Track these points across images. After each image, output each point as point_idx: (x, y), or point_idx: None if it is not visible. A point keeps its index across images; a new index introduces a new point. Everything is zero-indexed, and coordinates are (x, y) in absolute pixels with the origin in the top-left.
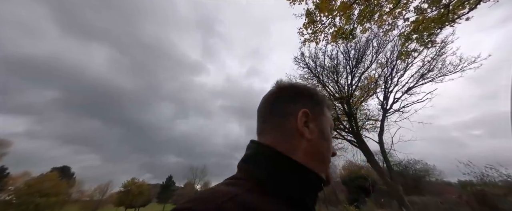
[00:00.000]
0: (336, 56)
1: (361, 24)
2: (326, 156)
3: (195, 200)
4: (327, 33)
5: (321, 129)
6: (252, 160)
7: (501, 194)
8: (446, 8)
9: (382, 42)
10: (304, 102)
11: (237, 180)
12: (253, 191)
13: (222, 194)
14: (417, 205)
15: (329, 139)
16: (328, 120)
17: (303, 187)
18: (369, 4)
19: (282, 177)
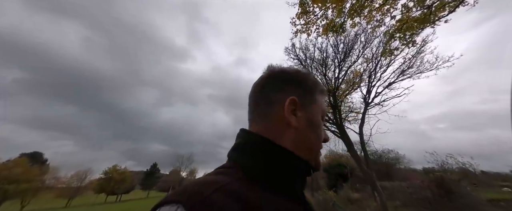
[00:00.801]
0: (326, 49)
1: (352, 18)
2: (315, 144)
3: (183, 191)
4: (319, 25)
5: (310, 117)
6: (240, 149)
7: (456, 179)
8: (429, 9)
9: (369, 38)
10: (293, 90)
11: (226, 169)
12: (242, 179)
13: (210, 184)
14: (387, 190)
15: (319, 126)
16: (319, 107)
17: (291, 174)
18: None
19: (270, 164)
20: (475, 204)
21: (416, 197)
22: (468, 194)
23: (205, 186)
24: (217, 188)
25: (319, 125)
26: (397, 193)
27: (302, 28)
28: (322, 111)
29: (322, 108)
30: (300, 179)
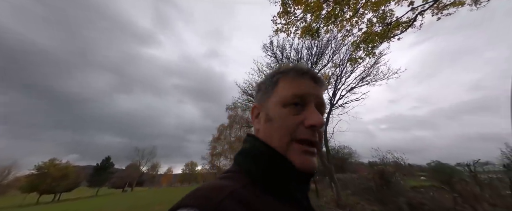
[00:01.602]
0: (301, 51)
1: (326, 25)
2: (277, 137)
3: (196, 196)
4: (298, 27)
5: (266, 112)
6: (245, 153)
7: (392, 171)
8: (388, 26)
9: (338, 46)
10: (258, 97)
11: (233, 174)
12: (248, 185)
13: (220, 190)
14: (341, 181)
15: (277, 116)
16: (277, 95)
17: (283, 177)
18: (335, 7)
19: (265, 168)
20: (403, 191)
21: (363, 186)
22: (399, 183)
23: (216, 191)
24: (227, 194)
25: (276, 114)
26: (349, 184)
27: (282, 27)
28: (284, 96)
29: (285, 93)
30: (297, 183)
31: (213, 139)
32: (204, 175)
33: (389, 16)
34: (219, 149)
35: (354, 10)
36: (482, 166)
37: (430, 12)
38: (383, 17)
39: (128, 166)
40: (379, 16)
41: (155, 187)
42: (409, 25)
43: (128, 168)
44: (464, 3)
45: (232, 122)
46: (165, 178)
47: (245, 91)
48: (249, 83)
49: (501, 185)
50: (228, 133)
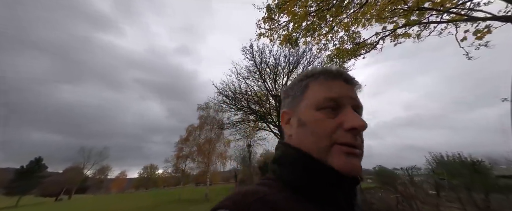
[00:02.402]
0: (279, 58)
1: (305, 37)
2: (313, 142)
3: (231, 199)
4: (280, 34)
5: (299, 117)
6: (279, 161)
7: None
8: (356, 45)
9: (313, 57)
10: (287, 102)
11: (269, 181)
12: (283, 191)
13: (252, 194)
14: None
15: (311, 120)
16: (310, 98)
17: (321, 184)
18: (315, 21)
19: (301, 175)
20: None
21: None
22: None
23: (248, 195)
24: (257, 198)
25: (310, 118)
26: None
27: (266, 32)
28: (317, 99)
29: (318, 96)
30: (338, 189)
31: (180, 140)
32: (166, 179)
33: (357, 37)
34: (187, 150)
35: (330, 27)
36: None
37: (389, 39)
38: (353, 37)
39: (67, 169)
40: (350, 35)
41: (102, 194)
42: (373, 47)
43: (67, 172)
44: (411, 35)
45: (203, 123)
46: (117, 183)
47: (221, 92)
48: (225, 84)
49: (429, 186)
50: (198, 134)
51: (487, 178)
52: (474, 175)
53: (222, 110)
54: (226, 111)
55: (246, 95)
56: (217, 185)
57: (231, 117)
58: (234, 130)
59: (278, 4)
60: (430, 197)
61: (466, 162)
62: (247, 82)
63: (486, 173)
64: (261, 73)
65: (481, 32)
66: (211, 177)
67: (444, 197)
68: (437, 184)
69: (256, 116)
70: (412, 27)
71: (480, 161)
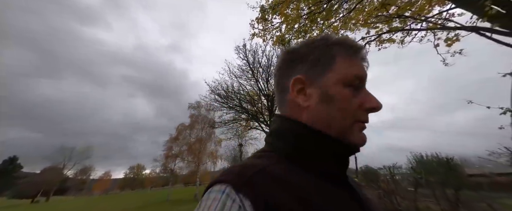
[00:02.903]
0: (272, 58)
1: (297, 38)
2: (336, 118)
3: (230, 173)
4: (273, 35)
5: (324, 90)
6: (275, 133)
7: None
8: None
9: None
10: (299, 68)
11: (264, 153)
12: (280, 162)
13: (251, 167)
14: None
15: (339, 97)
16: (338, 73)
17: (322, 154)
18: (306, 24)
19: (300, 146)
20: None
21: None
22: None
23: (247, 168)
24: (257, 170)
25: (339, 95)
26: None
27: (259, 32)
28: (346, 76)
29: (347, 73)
30: (336, 160)
31: (170, 139)
32: (153, 180)
33: None
34: (176, 150)
35: (320, 30)
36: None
37: (374, 43)
38: None
39: (45, 170)
40: None
41: (84, 196)
42: None
43: (45, 172)
44: (395, 41)
45: (194, 122)
46: (100, 183)
47: (213, 90)
48: (218, 83)
49: (408, 183)
50: (188, 133)
51: (459, 176)
52: (447, 172)
53: (214, 108)
54: (218, 110)
55: (238, 94)
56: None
57: (222, 116)
58: (226, 129)
59: (272, 5)
60: (408, 193)
61: (442, 161)
62: (239, 82)
63: (458, 171)
64: (253, 72)
65: (451, 40)
66: (201, 176)
67: (421, 193)
68: (416, 181)
69: (248, 115)
70: (396, 33)
71: (452, 159)
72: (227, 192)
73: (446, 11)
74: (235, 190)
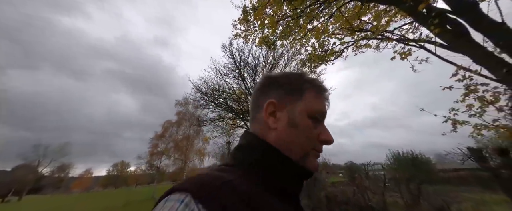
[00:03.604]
0: (258, 57)
1: (281, 40)
2: (299, 144)
3: (192, 181)
4: (256, 36)
5: (291, 117)
6: (242, 149)
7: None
8: (326, 52)
9: (290, 60)
10: (274, 93)
11: (229, 167)
12: (243, 177)
13: (216, 178)
14: None
15: (304, 126)
16: (305, 105)
17: (282, 175)
18: (289, 26)
19: (263, 165)
20: (325, 186)
21: None
22: (323, 180)
23: (212, 179)
24: (223, 182)
25: (303, 124)
26: None
27: (242, 33)
28: (311, 109)
29: (312, 106)
30: (294, 181)
31: (156, 136)
32: (138, 177)
33: (326, 44)
34: (162, 147)
35: (303, 32)
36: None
37: (351, 48)
38: (323, 44)
39: (17, 167)
40: (320, 42)
41: (62, 194)
42: (339, 55)
43: (17, 170)
44: (371, 46)
45: (181, 119)
46: (80, 181)
47: (198, 88)
48: (204, 81)
49: (380, 179)
50: (175, 130)
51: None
52: (415, 168)
53: (201, 106)
54: (204, 107)
55: (224, 93)
56: None
57: (208, 114)
58: (212, 127)
59: (253, 7)
60: (379, 188)
61: (414, 158)
62: (225, 80)
63: (423, 167)
64: (240, 71)
65: (404, 54)
66: (188, 174)
67: (390, 188)
68: (384, 177)
69: (234, 113)
70: (371, 40)
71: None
72: (186, 202)
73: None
74: (194, 200)
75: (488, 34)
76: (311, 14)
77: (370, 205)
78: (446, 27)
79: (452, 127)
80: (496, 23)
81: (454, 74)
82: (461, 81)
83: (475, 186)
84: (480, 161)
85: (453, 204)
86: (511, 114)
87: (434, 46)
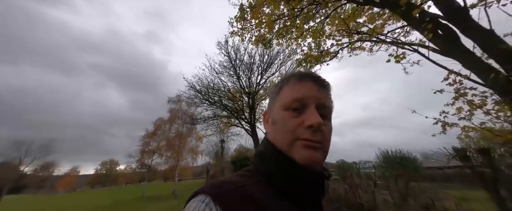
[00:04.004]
0: (254, 56)
1: (277, 39)
2: (280, 138)
3: (211, 186)
4: (253, 35)
5: (273, 116)
6: (259, 155)
7: None
8: (321, 53)
9: (285, 59)
10: (268, 104)
11: (249, 172)
12: (259, 182)
13: (232, 182)
14: None
15: (282, 119)
16: (280, 100)
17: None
18: (285, 26)
19: (277, 171)
20: None
21: None
22: None
23: (226, 184)
24: (236, 187)
25: (279, 118)
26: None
27: (238, 31)
28: (284, 101)
29: (285, 98)
30: (309, 187)
31: (147, 134)
32: (128, 176)
33: (322, 45)
34: (154, 145)
35: (300, 32)
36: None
37: (346, 50)
38: (319, 45)
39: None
40: (316, 43)
41: (45, 194)
42: (334, 56)
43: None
44: (365, 49)
45: (174, 116)
46: (65, 180)
47: (192, 86)
48: (198, 78)
49: (371, 177)
50: (168, 127)
51: (414, 169)
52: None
53: (194, 104)
54: (198, 106)
55: (219, 91)
56: (188, 181)
57: (202, 112)
58: (206, 125)
59: (251, 5)
60: (369, 186)
61: (402, 157)
62: (220, 78)
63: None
64: (235, 69)
65: (398, 57)
66: (180, 172)
67: (379, 186)
68: (377, 175)
69: (229, 112)
70: (365, 42)
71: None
72: (207, 202)
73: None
74: (213, 201)
75: (477, 40)
76: (308, 14)
77: (360, 203)
78: (438, 32)
79: (442, 128)
80: (485, 30)
81: (445, 78)
82: (452, 85)
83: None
84: (464, 160)
85: (438, 200)
86: (497, 117)
87: (427, 50)
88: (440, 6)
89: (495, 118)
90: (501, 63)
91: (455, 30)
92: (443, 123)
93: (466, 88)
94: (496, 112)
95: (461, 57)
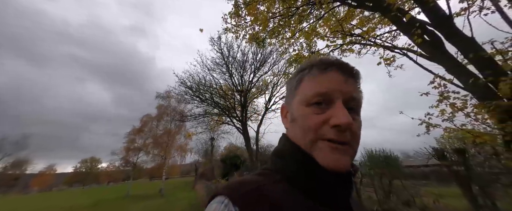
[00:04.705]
0: (247, 54)
1: (270, 38)
2: (300, 137)
3: (229, 187)
4: (247, 32)
5: (292, 113)
6: (277, 153)
7: None
8: (312, 53)
9: (278, 58)
10: (286, 97)
11: (267, 171)
12: (279, 182)
13: (250, 183)
14: None
15: (302, 116)
16: (299, 94)
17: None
18: (278, 25)
19: (296, 169)
20: None
21: None
22: None
23: (245, 184)
24: (254, 187)
25: (299, 114)
26: None
27: (232, 28)
28: (305, 96)
29: (306, 93)
30: (334, 187)
31: (133, 131)
32: (111, 174)
33: (313, 46)
34: (140, 142)
35: (293, 32)
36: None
37: (337, 51)
38: (310, 46)
39: None
40: (308, 44)
41: (17, 193)
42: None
43: None
44: (354, 51)
45: (162, 113)
46: (40, 179)
47: (183, 82)
48: (189, 74)
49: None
50: (155, 124)
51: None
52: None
53: (185, 100)
54: (188, 102)
55: (210, 88)
56: (175, 179)
57: (193, 109)
58: (196, 123)
59: (246, 2)
60: (355, 185)
61: (386, 156)
62: (212, 75)
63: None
64: (228, 67)
65: (389, 60)
66: (168, 170)
67: (365, 184)
68: (362, 174)
69: (220, 109)
70: (355, 44)
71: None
72: (226, 203)
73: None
74: (232, 202)
75: (459, 47)
76: (302, 14)
77: None
78: (425, 37)
79: (426, 129)
80: (467, 38)
81: (431, 82)
82: (437, 89)
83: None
84: (441, 159)
85: (417, 197)
86: (476, 119)
87: (415, 55)
88: (427, 13)
89: (474, 120)
90: (480, 69)
91: (440, 37)
92: (427, 124)
93: (450, 92)
94: (475, 115)
95: (445, 62)
